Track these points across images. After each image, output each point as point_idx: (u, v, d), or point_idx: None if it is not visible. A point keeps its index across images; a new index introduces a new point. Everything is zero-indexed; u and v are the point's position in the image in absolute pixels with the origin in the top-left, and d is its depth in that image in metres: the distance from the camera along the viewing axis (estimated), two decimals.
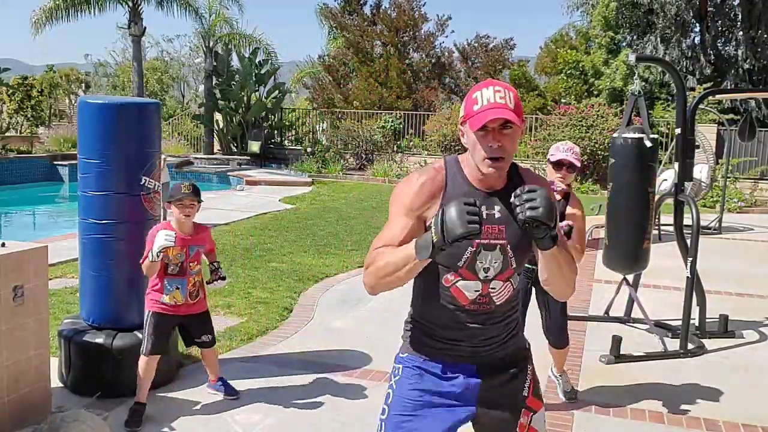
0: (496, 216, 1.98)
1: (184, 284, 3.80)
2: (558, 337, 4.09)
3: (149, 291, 3.83)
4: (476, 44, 22.80)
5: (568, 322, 5.62)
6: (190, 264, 3.83)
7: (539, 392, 2.19)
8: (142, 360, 3.77)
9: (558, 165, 3.87)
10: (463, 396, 2.06)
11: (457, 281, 2.01)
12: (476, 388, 2.06)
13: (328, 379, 4.39)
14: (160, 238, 3.55)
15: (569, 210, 3.78)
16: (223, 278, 4.05)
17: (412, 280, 2.00)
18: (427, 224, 1.95)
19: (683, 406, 4.12)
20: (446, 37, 22.13)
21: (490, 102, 1.89)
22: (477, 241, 1.94)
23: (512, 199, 1.82)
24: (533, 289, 4.03)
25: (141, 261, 3.71)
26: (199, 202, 3.82)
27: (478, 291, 2.01)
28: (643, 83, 18.42)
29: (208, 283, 4.02)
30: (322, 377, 4.42)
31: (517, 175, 2.07)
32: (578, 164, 3.86)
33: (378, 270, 1.92)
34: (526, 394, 2.13)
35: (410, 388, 2.07)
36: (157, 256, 3.58)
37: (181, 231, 3.78)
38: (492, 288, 2.02)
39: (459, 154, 2.09)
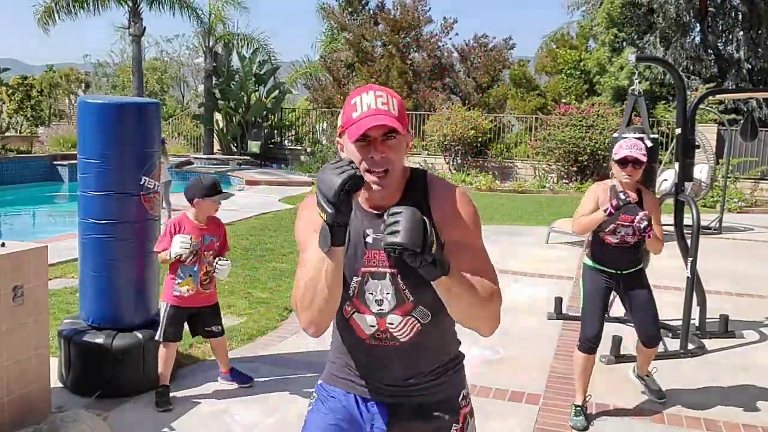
0: (369, 240, 1.75)
1: (196, 272, 3.97)
2: (656, 335, 3.98)
3: (166, 283, 4.01)
4: (475, 45, 22.79)
5: (569, 322, 5.66)
6: (205, 252, 3.99)
7: None
8: (161, 347, 3.97)
9: (623, 163, 3.73)
10: None
11: (353, 313, 1.80)
12: (383, 428, 1.86)
13: None
14: (176, 245, 3.80)
15: (645, 205, 3.79)
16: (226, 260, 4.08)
17: None
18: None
19: (683, 406, 4.12)
20: (450, 39, 22.06)
21: (371, 108, 1.65)
22: (363, 269, 1.74)
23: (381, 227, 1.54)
24: (612, 292, 4.02)
25: (158, 250, 3.93)
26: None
27: (374, 326, 1.78)
28: (645, 83, 18.41)
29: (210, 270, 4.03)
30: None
31: (422, 187, 1.78)
32: (644, 159, 3.70)
33: (303, 299, 1.68)
34: None
35: (321, 419, 1.90)
36: (173, 257, 3.84)
37: (197, 221, 3.98)
38: (390, 324, 1.77)
39: None
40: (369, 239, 1.73)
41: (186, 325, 4.15)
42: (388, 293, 1.74)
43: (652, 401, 4.17)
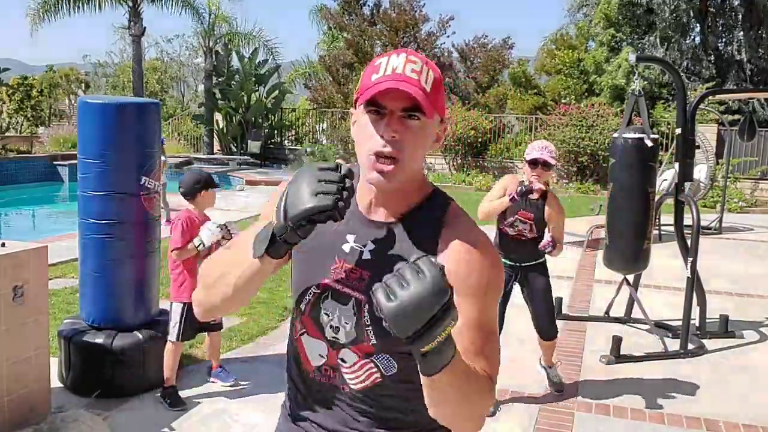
0: (365, 256, 1.32)
1: None
2: (548, 327, 4.12)
3: (180, 282, 3.97)
4: (475, 45, 22.80)
5: (569, 322, 5.66)
6: (215, 246, 3.99)
7: None
8: (170, 346, 3.95)
9: (533, 164, 3.93)
10: None
11: (302, 333, 1.40)
12: None
13: None
14: (206, 234, 3.82)
15: (546, 209, 3.94)
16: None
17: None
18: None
19: (683, 406, 4.12)
20: (447, 37, 22.10)
21: (396, 72, 1.24)
22: (326, 280, 1.33)
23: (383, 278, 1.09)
24: (513, 286, 4.11)
25: (180, 246, 3.86)
26: None
27: (324, 357, 1.37)
28: (644, 82, 18.41)
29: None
30: None
31: (438, 216, 1.34)
32: (553, 162, 3.92)
33: (210, 275, 1.36)
34: None
35: None
36: (207, 246, 3.82)
37: (202, 217, 4.03)
38: (342, 360, 1.34)
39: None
40: (346, 247, 1.33)
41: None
42: (347, 323, 1.32)
43: (652, 401, 4.17)
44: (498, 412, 3.96)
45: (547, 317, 4.10)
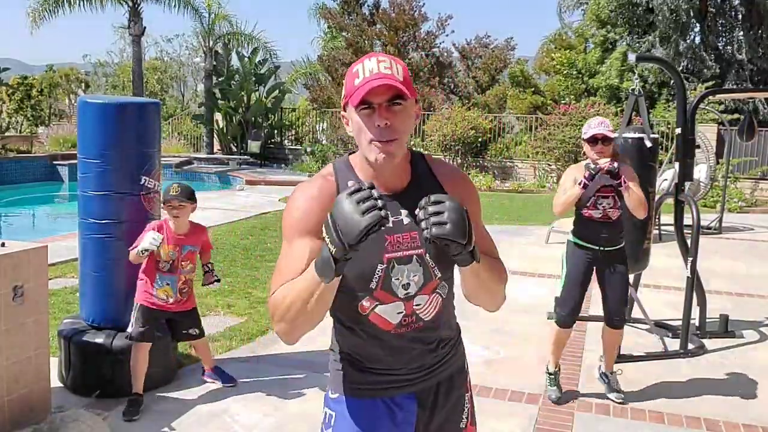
0: (405, 222, 1.67)
1: (174, 281, 3.89)
2: (618, 311, 4.08)
3: (139, 283, 3.90)
4: (476, 45, 22.79)
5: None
6: (182, 263, 3.90)
7: (475, 419, 1.95)
8: (133, 348, 3.86)
9: (593, 141, 3.88)
10: None
11: (374, 307, 1.69)
12: (414, 421, 1.79)
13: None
14: (146, 240, 3.69)
15: (626, 185, 3.84)
16: (218, 280, 4.12)
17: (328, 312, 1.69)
18: None
19: (683, 406, 4.12)
20: (447, 36, 22.12)
21: (374, 73, 1.56)
22: (387, 255, 1.65)
23: (417, 211, 1.50)
24: (593, 268, 4.09)
25: (129, 248, 3.81)
26: (192, 203, 3.88)
27: (402, 312, 1.70)
28: (642, 83, 18.41)
29: (203, 285, 4.06)
30: (322, 377, 4.42)
31: (426, 169, 1.75)
32: (612, 136, 3.86)
33: (286, 313, 1.59)
34: (464, 426, 1.88)
35: None
36: (142, 254, 3.72)
37: (176, 230, 3.86)
38: (417, 305, 1.70)
39: (350, 153, 1.76)
40: (389, 224, 1.57)
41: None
42: (415, 275, 1.67)
43: (652, 401, 4.17)
44: (498, 412, 3.96)
45: (619, 303, 4.09)
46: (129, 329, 3.91)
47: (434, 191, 1.57)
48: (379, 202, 1.43)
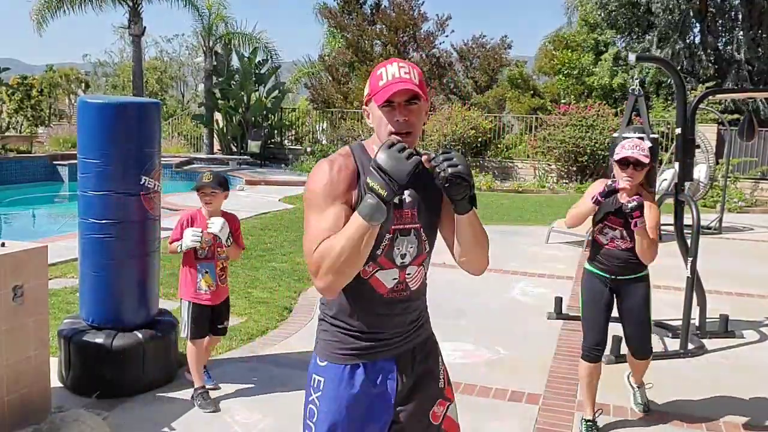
0: (407, 200, 1.96)
1: (212, 268, 4.03)
2: (640, 345, 3.79)
3: (183, 279, 4.04)
4: (473, 45, 22.80)
5: (569, 322, 5.66)
6: (218, 249, 4.03)
7: (450, 381, 2.18)
8: (189, 345, 4.00)
9: (624, 163, 3.52)
10: (385, 396, 2.01)
11: (375, 271, 1.96)
12: (395, 385, 2.02)
13: None
14: (187, 239, 3.85)
15: (646, 211, 3.47)
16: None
17: None
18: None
19: (683, 406, 4.12)
20: (446, 36, 22.14)
21: (395, 77, 1.87)
22: (393, 227, 1.93)
23: (431, 162, 1.81)
24: (613, 295, 3.77)
25: (169, 241, 3.98)
26: (224, 191, 4.05)
27: (396, 279, 1.98)
28: (639, 84, 18.41)
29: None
30: None
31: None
32: (646, 161, 3.47)
33: (336, 261, 1.77)
34: (442, 386, 2.13)
35: (336, 402, 1.98)
36: (184, 249, 3.91)
37: (209, 218, 3.99)
38: (408, 274, 2.00)
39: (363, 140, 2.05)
40: (398, 200, 1.88)
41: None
42: (411, 247, 1.97)
43: (653, 401, 4.16)
44: (498, 412, 3.96)
45: (639, 339, 3.76)
46: (182, 329, 4.02)
47: (428, 176, 1.86)
48: (420, 156, 1.75)
